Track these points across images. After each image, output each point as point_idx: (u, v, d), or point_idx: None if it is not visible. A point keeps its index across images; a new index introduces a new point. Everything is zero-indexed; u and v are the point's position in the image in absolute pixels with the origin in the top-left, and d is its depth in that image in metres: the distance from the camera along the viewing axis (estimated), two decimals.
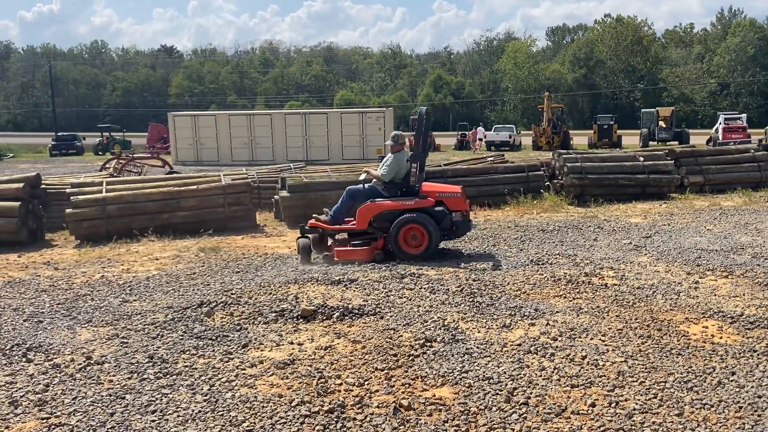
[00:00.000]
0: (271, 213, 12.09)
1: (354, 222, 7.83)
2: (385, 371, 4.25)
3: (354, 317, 5.41)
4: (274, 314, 5.47)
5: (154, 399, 3.88)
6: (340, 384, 4.06)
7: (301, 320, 5.36)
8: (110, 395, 3.95)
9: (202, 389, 4.02)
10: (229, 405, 3.79)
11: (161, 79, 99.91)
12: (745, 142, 26.92)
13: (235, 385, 4.07)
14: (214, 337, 4.96)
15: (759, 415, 3.57)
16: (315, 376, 4.16)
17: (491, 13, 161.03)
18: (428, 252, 7.61)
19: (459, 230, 7.90)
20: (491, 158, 16.06)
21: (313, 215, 8.15)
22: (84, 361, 4.51)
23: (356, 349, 4.67)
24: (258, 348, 4.75)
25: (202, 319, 5.43)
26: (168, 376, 4.24)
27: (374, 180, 8.09)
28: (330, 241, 7.94)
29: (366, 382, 4.09)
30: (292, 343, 4.84)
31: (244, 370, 4.33)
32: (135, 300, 6.21)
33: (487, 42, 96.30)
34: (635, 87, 76.09)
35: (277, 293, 6.11)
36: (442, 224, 7.64)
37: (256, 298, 5.95)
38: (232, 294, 6.12)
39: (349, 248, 7.73)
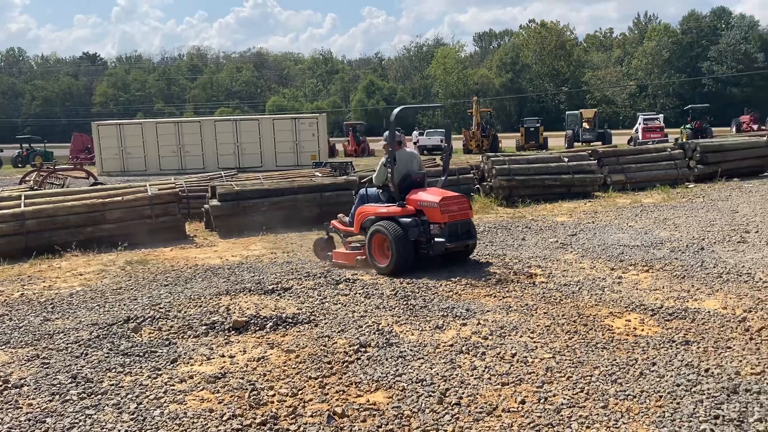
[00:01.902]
0: (202, 223, 11.82)
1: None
2: (319, 379, 4.23)
3: (288, 326, 5.35)
4: (204, 327, 5.35)
5: (77, 421, 3.73)
6: (273, 395, 4.00)
7: (233, 332, 5.27)
8: (29, 420, 3.77)
9: (128, 408, 3.88)
10: (157, 423, 3.68)
11: (84, 87, 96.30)
12: (662, 141, 28.21)
13: (164, 402, 3.96)
14: (141, 354, 4.81)
15: (678, 403, 3.74)
16: (247, 389, 4.09)
17: (420, 19, 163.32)
18: (390, 266, 6.84)
19: (435, 246, 6.90)
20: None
21: (338, 214, 8.08)
22: (0, 386, 4.29)
23: (290, 359, 4.63)
24: (188, 363, 4.64)
25: (129, 335, 5.26)
26: (92, 396, 4.08)
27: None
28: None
29: (300, 392, 4.05)
30: (223, 356, 4.74)
31: (173, 385, 4.22)
32: (57, 318, 5.96)
33: (417, 48, 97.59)
34: (560, 90, 78.64)
35: (207, 305, 5.98)
36: (408, 235, 6.83)
37: (185, 312, 5.81)
38: (160, 308, 5.95)
39: (341, 251, 7.61)
